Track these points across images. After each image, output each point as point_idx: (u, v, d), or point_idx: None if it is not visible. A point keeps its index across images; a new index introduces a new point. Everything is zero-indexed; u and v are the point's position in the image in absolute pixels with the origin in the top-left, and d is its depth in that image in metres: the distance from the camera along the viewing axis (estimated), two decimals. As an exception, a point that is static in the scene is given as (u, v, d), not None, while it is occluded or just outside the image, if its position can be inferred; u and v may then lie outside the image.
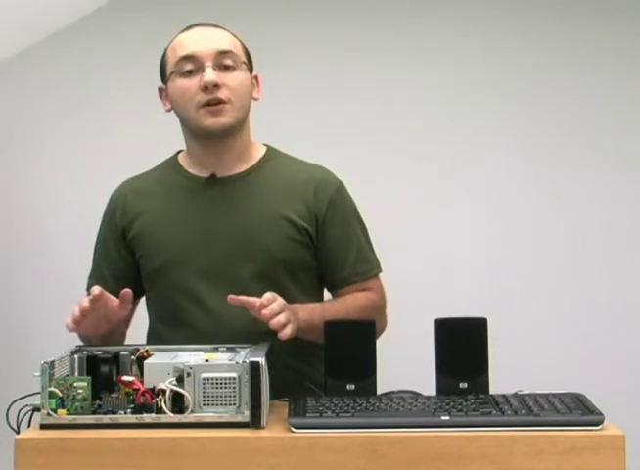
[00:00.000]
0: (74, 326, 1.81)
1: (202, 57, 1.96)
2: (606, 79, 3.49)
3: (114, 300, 1.87)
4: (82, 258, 2.21)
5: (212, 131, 1.98)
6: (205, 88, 1.95)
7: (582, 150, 3.50)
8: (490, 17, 3.49)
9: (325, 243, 2.05)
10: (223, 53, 1.98)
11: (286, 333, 1.79)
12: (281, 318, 1.79)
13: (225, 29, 2.05)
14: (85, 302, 1.81)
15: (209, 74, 1.95)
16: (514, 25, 3.49)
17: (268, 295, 1.81)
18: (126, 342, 2.04)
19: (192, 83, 1.97)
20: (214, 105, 1.96)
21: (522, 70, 3.48)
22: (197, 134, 2.03)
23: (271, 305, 1.79)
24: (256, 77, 2.08)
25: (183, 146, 2.11)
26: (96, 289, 1.81)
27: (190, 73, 1.97)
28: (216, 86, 1.95)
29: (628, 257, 3.50)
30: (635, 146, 3.51)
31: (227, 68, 1.98)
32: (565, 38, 3.48)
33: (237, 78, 1.99)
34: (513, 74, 3.48)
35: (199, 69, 1.96)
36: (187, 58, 1.97)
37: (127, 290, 1.86)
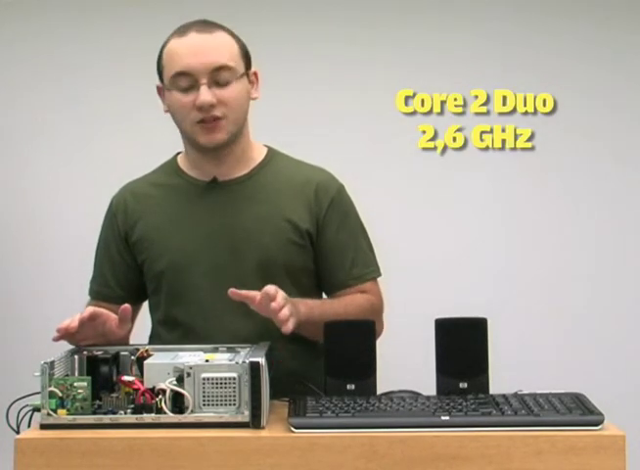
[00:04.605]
0: (58, 336, 1.78)
1: (197, 74, 1.93)
2: (615, 77, 3.48)
3: (112, 318, 1.84)
4: (82, 259, 2.20)
5: (207, 148, 1.99)
6: (200, 108, 1.94)
7: (581, 147, 3.49)
8: (494, 16, 3.49)
9: (324, 244, 2.05)
10: (219, 68, 1.95)
11: (288, 327, 1.77)
12: (285, 311, 1.78)
13: (222, 29, 2.00)
14: (75, 320, 1.78)
15: (204, 95, 1.92)
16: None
17: (271, 288, 1.79)
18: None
19: (187, 100, 1.95)
20: (210, 122, 1.95)
21: (522, 71, 3.48)
22: (194, 146, 2.03)
23: (277, 299, 1.77)
24: (255, 74, 2.05)
25: (182, 147, 2.11)
26: (88, 311, 1.80)
27: (185, 90, 1.95)
28: (211, 106, 1.94)
29: (628, 256, 3.49)
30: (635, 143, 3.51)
31: (223, 83, 1.95)
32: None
33: (232, 92, 1.96)
34: (511, 74, 3.48)
35: (193, 86, 1.94)
36: (182, 74, 1.94)
37: (127, 306, 1.83)
